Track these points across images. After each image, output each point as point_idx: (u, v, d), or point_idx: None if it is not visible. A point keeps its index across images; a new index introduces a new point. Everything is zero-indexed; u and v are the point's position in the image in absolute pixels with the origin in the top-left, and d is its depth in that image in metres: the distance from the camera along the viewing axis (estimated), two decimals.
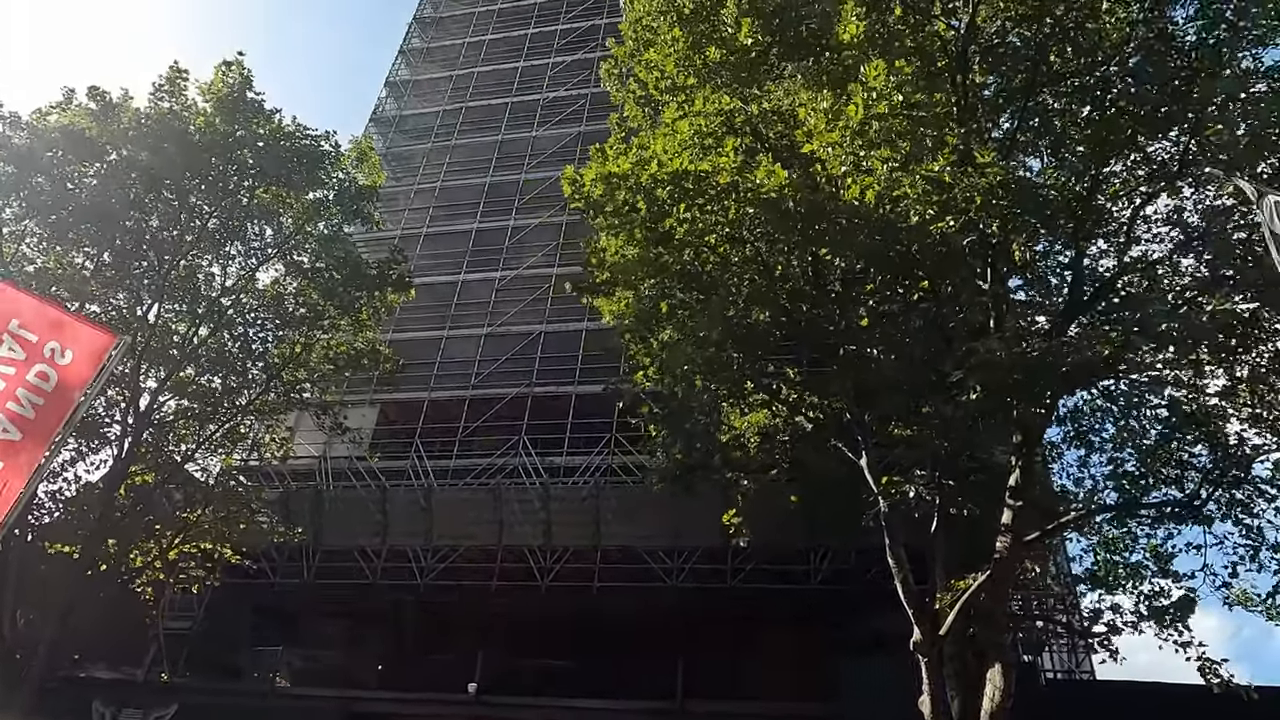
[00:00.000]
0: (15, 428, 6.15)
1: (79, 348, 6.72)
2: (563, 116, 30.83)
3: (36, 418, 6.22)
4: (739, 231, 10.58)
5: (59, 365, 6.50)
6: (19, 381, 6.33)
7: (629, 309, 13.20)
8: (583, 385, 23.03)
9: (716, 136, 11.29)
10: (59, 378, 6.45)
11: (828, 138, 8.82)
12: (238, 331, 18.59)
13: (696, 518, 19.40)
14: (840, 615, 18.51)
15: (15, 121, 15.71)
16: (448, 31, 37.28)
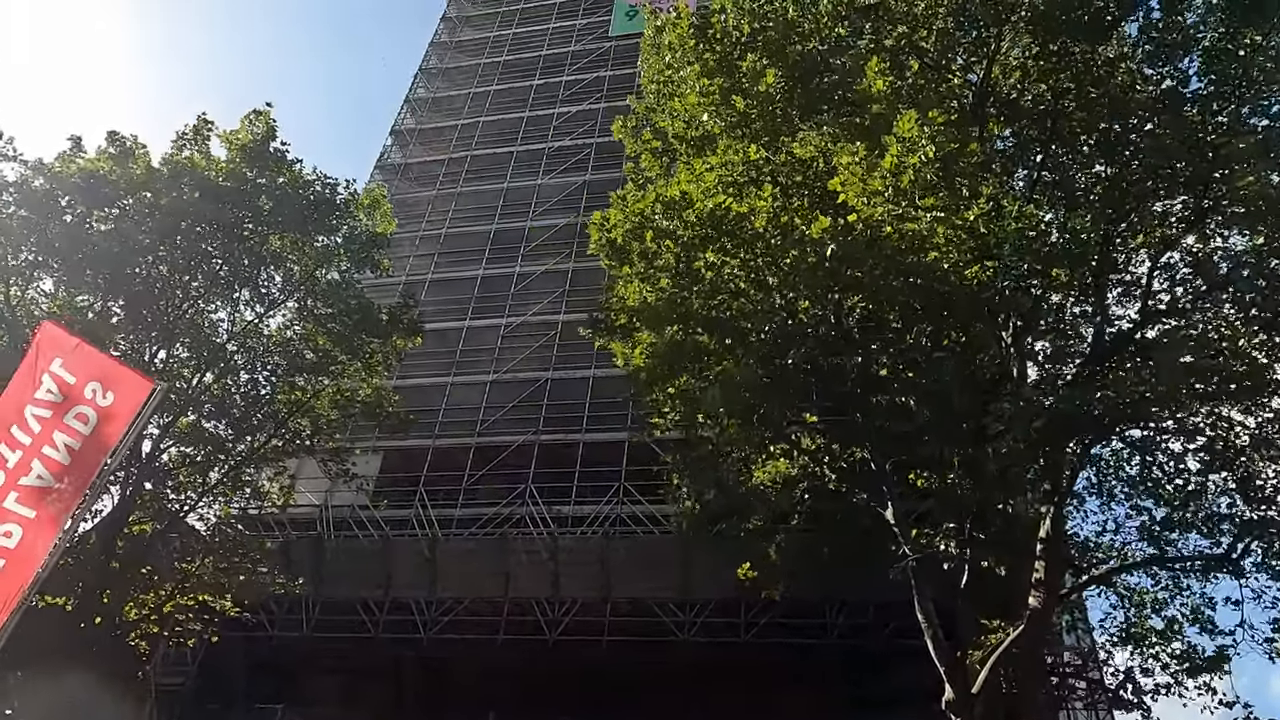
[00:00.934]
0: (50, 475, 5.93)
1: (119, 391, 6.53)
2: (567, 165, 31.11)
3: (73, 462, 6.01)
4: (770, 275, 10.52)
5: (100, 406, 6.31)
6: (56, 424, 6.13)
7: (654, 351, 13.07)
8: (590, 433, 22.80)
9: (744, 183, 11.34)
10: (98, 419, 6.26)
11: (867, 185, 8.83)
12: (243, 378, 18.37)
13: (708, 570, 19.04)
14: (859, 672, 18.06)
15: (38, 166, 15.68)
16: (453, 82, 37.80)
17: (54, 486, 5.83)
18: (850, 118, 11.18)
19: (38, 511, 5.71)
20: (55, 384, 6.20)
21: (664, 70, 14.14)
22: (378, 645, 20.42)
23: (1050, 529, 11.71)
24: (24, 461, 5.89)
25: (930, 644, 11.87)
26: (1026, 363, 12.23)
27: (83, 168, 15.77)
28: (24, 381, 6.30)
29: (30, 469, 5.84)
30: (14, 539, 5.60)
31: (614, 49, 35.91)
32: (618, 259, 12.97)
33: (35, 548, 5.63)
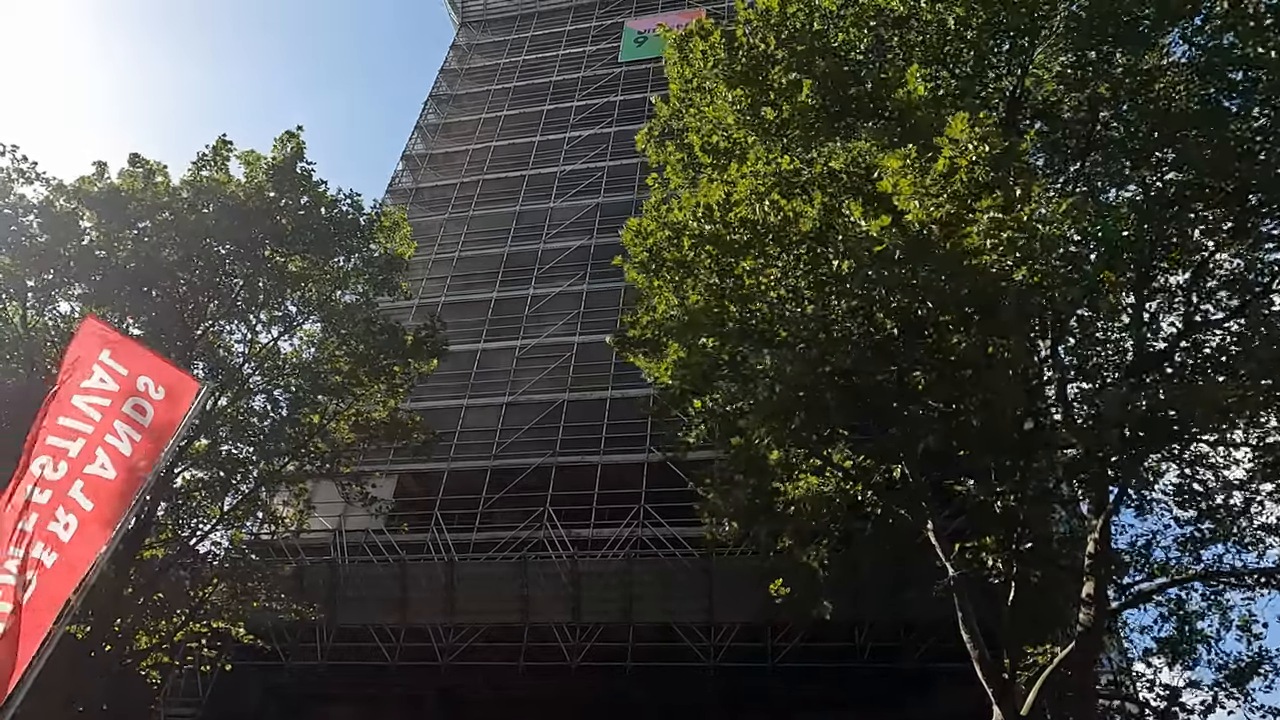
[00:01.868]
0: (113, 465, 5.65)
1: (169, 387, 6.28)
2: (580, 189, 31.15)
3: (133, 454, 5.73)
4: (809, 281, 10.33)
5: (153, 399, 6.04)
6: (115, 413, 5.85)
7: (685, 363, 12.83)
8: (609, 455, 22.50)
9: (779, 191, 11.19)
10: (154, 413, 5.99)
11: (919, 187, 8.67)
12: (258, 402, 18.16)
13: (734, 593, 18.67)
14: (890, 694, 17.59)
15: (60, 187, 15.59)
16: (463, 108, 38.03)
17: (113, 478, 5.54)
18: (887, 124, 11.07)
19: (95, 504, 5.42)
20: (107, 373, 5.94)
21: (690, 80, 14.07)
22: (394, 673, 19.94)
23: (1098, 543, 11.42)
24: (88, 449, 5.59)
25: (977, 665, 11.49)
26: (1068, 373, 12.03)
27: (107, 188, 15.68)
28: (70, 373, 6.04)
29: (95, 457, 5.54)
30: (70, 530, 5.30)
31: (624, 74, 36.20)
32: (653, 268, 12.78)
33: (90, 542, 5.32)
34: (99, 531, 5.41)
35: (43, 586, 5.10)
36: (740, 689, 18.20)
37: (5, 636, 4.90)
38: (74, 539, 5.32)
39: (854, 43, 12.93)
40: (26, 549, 5.22)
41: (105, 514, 5.47)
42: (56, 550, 5.23)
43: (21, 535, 5.28)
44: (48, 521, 5.31)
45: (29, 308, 16.60)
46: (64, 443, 5.67)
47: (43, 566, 5.16)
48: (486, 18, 43.32)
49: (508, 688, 19.09)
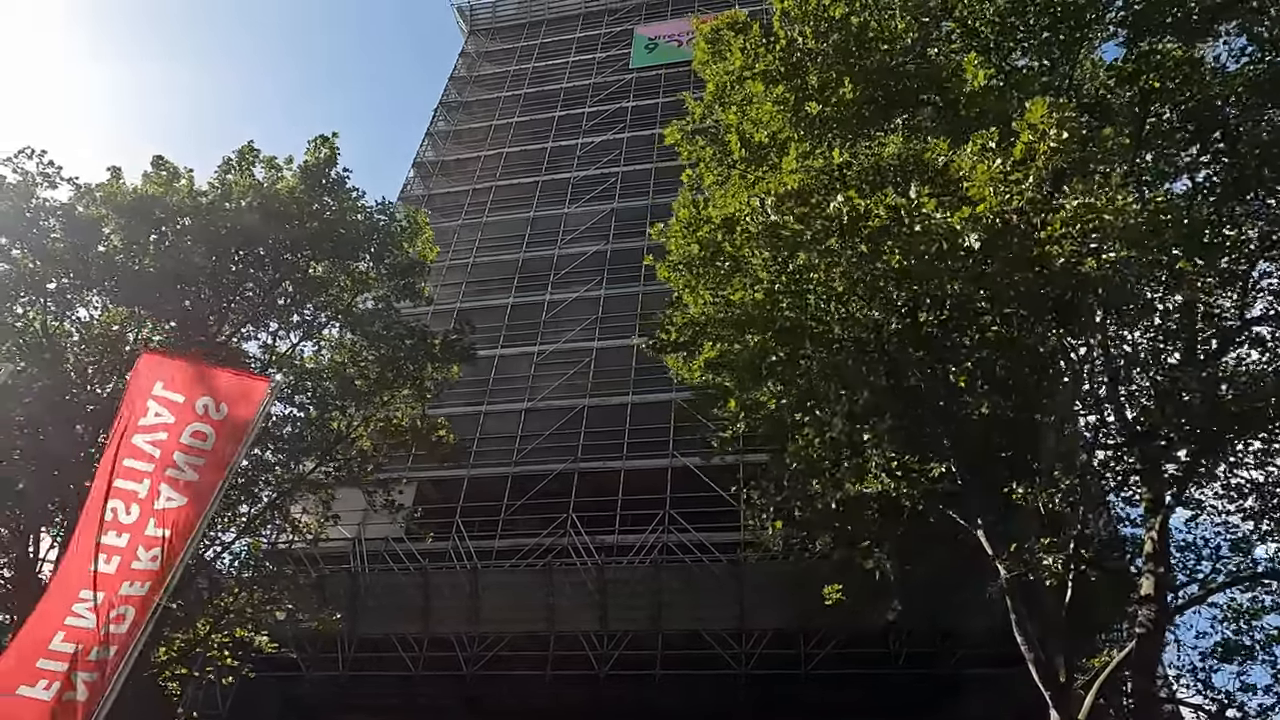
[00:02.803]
0: (178, 494, 5.58)
1: (231, 399, 6.17)
2: (594, 194, 30.99)
3: (200, 478, 5.67)
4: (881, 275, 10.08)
5: (214, 420, 5.96)
6: (173, 445, 5.80)
7: (729, 362, 12.58)
8: (632, 460, 22.22)
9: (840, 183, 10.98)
10: (216, 435, 5.89)
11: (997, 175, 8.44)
12: (278, 408, 17.90)
13: (765, 598, 18.38)
14: (925, 701, 17.29)
15: (84, 191, 15.36)
16: (474, 115, 37.91)
17: (183, 504, 5.49)
18: (942, 114, 10.88)
19: (170, 531, 5.37)
20: (163, 407, 5.91)
21: (726, 76, 13.87)
22: (417, 683, 19.58)
23: (1156, 542, 11.17)
24: (153, 487, 5.63)
25: (1033, 668, 11.21)
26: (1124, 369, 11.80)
27: (131, 191, 15.44)
28: (130, 412, 6.00)
29: (160, 492, 5.55)
30: (157, 561, 5.30)
31: (635, 81, 36.13)
32: (697, 266, 12.54)
33: (168, 562, 5.28)
34: (175, 548, 5.36)
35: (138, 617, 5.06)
36: (772, 697, 17.87)
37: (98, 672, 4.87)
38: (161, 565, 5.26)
39: (899, 34, 12.73)
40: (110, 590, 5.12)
41: (178, 532, 5.44)
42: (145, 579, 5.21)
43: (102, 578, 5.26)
44: (131, 560, 5.26)
45: (49, 312, 16.34)
46: (132, 485, 5.77)
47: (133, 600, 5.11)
48: (495, 25, 43.28)
49: (534, 698, 18.74)
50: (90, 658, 4.96)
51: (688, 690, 18.19)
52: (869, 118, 12.40)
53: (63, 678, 4.88)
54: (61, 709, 4.79)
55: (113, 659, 4.97)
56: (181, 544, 5.42)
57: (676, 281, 14.97)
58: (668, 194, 29.86)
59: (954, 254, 8.86)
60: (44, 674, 4.90)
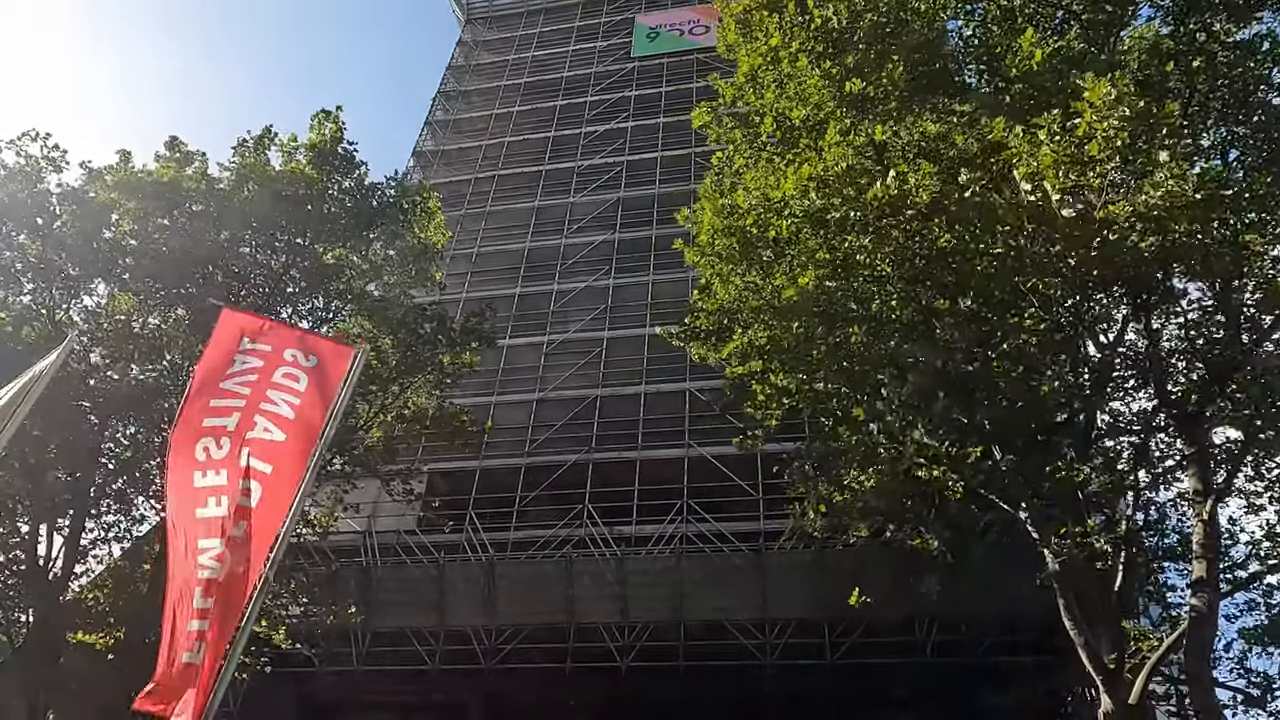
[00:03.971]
0: (277, 428, 5.19)
1: (321, 355, 5.82)
2: (600, 183, 30.66)
3: (296, 416, 5.28)
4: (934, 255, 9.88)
5: (305, 367, 5.59)
6: (266, 383, 5.40)
7: (775, 347, 12.34)
8: (647, 450, 21.98)
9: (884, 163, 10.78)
10: (309, 379, 5.53)
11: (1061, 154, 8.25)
12: None
13: (788, 588, 18.21)
14: (954, 690, 17.18)
15: (95, 175, 14.90)
16: (473, 105, 37.44)
17: (283, 440, 5.09)
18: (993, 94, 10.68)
19: (274, 467, 4.97)
20: (252, 357, 5.55)
21: (761, 55, 13.60)
22: (434, 678, 19.27)
23: (1207, 525, 11.05)
24: (245, 418, 5.18)
25: (1083, 653, 11.10)
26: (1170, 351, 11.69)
27: (143, 175, 15.00)
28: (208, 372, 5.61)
29: (255, 423, 5.13)
30: (254, 497, 4.89)
31: (636, 70, 35.79)
32: (736, 251, 12.28)
33: (276, 506, 4.89)
34: (284, 493, 4.96)
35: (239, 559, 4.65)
36: (797, 687, 17.72)
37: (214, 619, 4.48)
38: (261, 503, 4.88)
39: (935, 12, 12.51)
40: (224, 532, 4.75)
41: (285, 476, 5.04)
42: (246, 519, 4.79)
43: (213, 523, 4.85)
44: (236, 495, 4.86)
45: (55, 302, 15.88)
46: (220, 420, 5.28)
47: (235, 543, 4.70)
48: (492, 14, 42.79)
49: (554, 691, 18.47)
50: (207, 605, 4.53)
51: (711, 682, 18.00)
52: (910, 96, 12.20)
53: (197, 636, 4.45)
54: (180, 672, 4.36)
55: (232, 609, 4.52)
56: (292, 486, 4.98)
57: (705, 268, 14.73)
58: (674, 182, 29.66)
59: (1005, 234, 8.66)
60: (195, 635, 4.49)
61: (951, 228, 9.72)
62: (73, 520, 16.07)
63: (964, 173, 9.28)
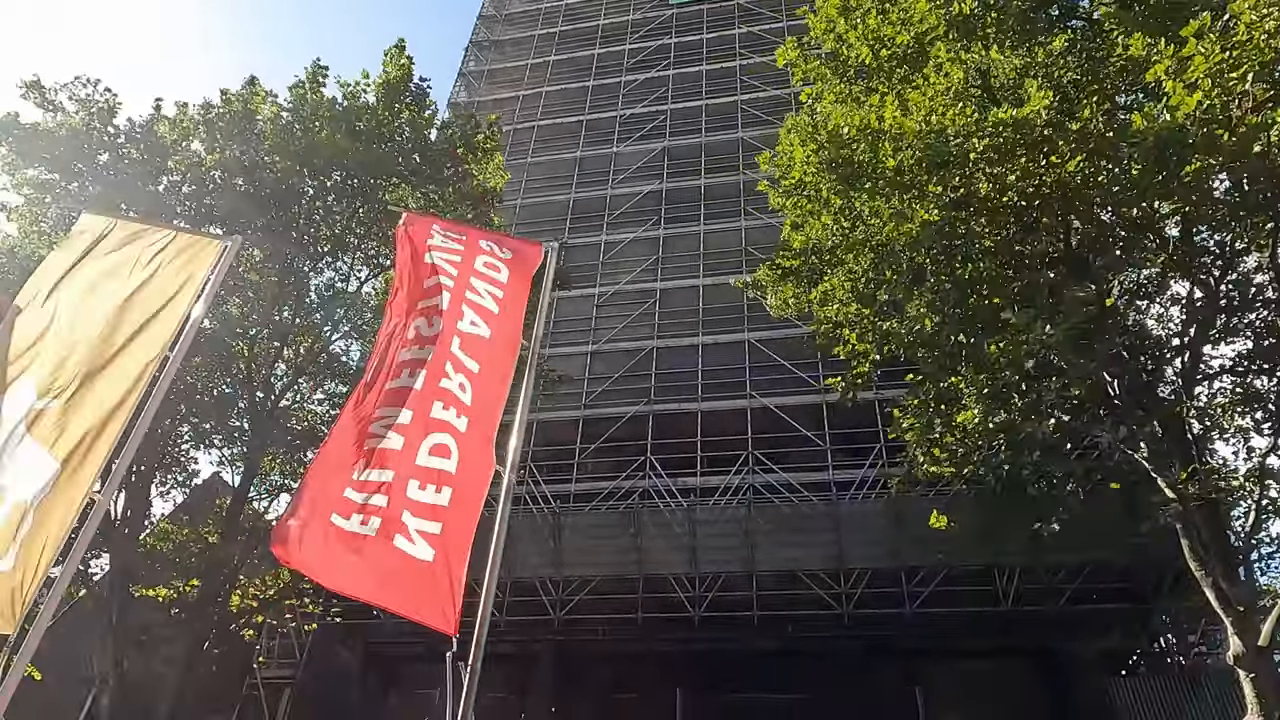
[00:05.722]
0: (483, 322, 4.74)
1: (513, 248, 5.38)
2: (644, 132, 29.88)
3: (500, 310, 4.83)
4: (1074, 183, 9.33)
5: (501, 257, 5.15)
6: (469, 270, 4.95)
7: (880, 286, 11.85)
8: (708, 401, 21.60)
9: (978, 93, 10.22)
10: (508, 270, 5.08)
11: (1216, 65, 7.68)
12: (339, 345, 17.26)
13: (863, 537, 17.91)
14: (1035, 639, 16.93)
15: (160, 116, 14.41)
16: (506, 55, 36.48)
17: (489, 336, 4.64)
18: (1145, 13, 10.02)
19: (481, 365, 4.53)
20: (446, 242, 5.09)
21: None
22: (502, 629, 19.13)
23: None
24: (454, 304, 4.74)
25: (1210, 594, 10.70)
26: None
27: (223, 105, 14.49)
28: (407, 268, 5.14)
29: (463, 313, 4.69)
30: (468, 392, 4.44)
31: (675, 17, 34.73)
32: (843, 187, 11.71)
33: (490, 403, 4.43)
34: (495, 388, 4.51)
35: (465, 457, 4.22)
36: (875, 636, 17.49)
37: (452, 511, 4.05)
38: (475, 399, 4.44)
39: None
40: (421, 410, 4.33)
41: (494, 372, 4.59)
42: (465, 413, 4.35)
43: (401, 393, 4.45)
44: (439, 379, 4.42)
45: None
46: (431, 300, 4.83)
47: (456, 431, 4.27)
48: None
49: (625, 641, 18.31)
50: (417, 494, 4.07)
51: (786, 632, 17.79)
52: (1025, 15, 11.55)
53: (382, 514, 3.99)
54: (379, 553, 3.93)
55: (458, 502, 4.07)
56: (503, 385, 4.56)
57: (793, 209, 14.19)
58: (721, 131, 28.88)
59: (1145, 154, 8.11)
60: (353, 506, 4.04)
61: (1081, 152, 9.18)
62: (143, 470, 15.84)
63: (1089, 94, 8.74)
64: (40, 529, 4.05)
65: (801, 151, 12.83)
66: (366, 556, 3.93)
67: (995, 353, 10.45)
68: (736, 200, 26.19)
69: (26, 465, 4.18)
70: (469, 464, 4.18)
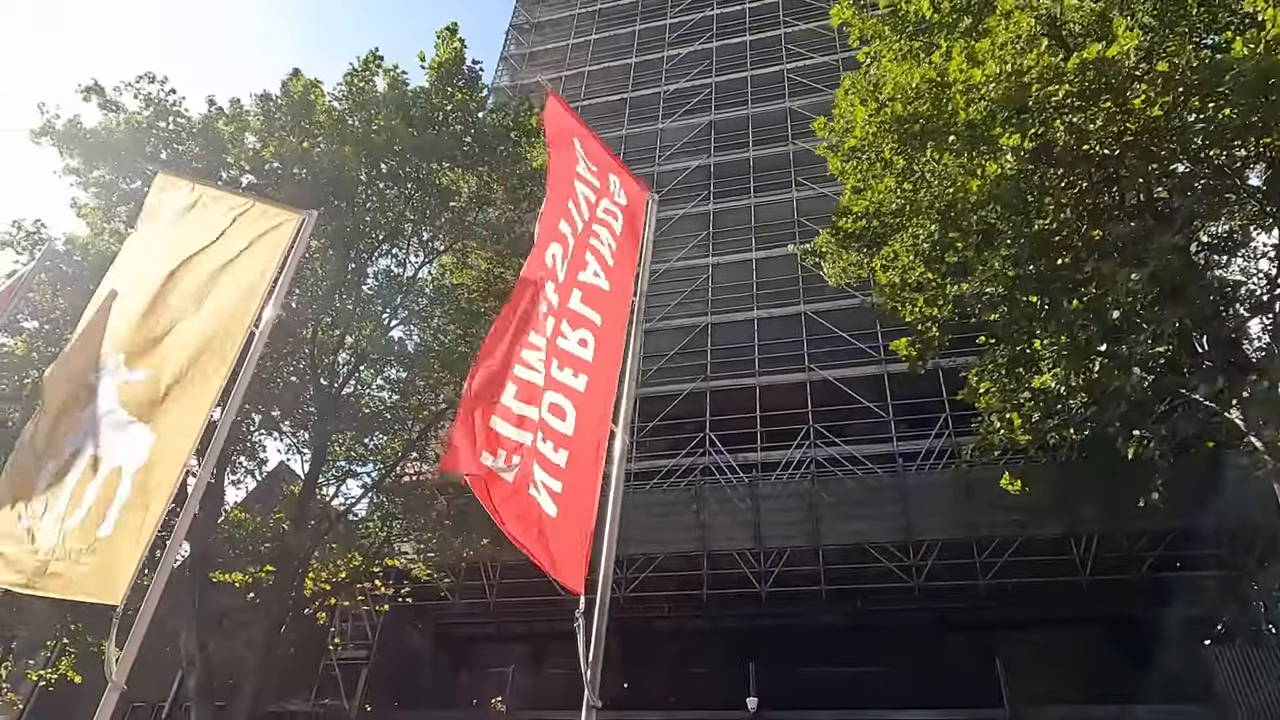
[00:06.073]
0: (603, 274, 4.60)
1: (628, 192, 5.21)
2: (689, 107, 29.51)
3: (614, 262, 4.69)
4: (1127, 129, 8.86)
5: (618, 204, 5.00)
6: (594, 216, 4.78)
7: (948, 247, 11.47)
8: (766, 376, 21.33)
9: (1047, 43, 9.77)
10: (623, 219, 4.93)
11: None
12: (398, 331, 17.38)
13: (932, 509, 17.53)
14: (1113, 608, 16.42)
15: (218, 111, 14.61)
16: (546, 37, 36.34)
17: (608, 290, 4.50)
18: None
19: (603, 319, 4.39)
20: (586, 165, 4.90)
21: None
22: (567, 607, 19.20)
23: None
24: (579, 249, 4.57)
25: None
26: None
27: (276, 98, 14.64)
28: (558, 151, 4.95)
29: (586, 263, 4.54)
30: (589, 348, 4.30)
31: None
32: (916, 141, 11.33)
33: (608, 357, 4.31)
34: (614, 347, 4.37)
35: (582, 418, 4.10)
36: (948, 609, 17.15)
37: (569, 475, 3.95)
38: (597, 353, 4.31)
39: None
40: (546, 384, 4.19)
41: (614, 328, 4.44)
42: (583, 371, 4.24)
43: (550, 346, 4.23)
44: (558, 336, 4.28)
45: None
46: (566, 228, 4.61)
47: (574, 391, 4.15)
48: None
49: (691, 618, 18.26)
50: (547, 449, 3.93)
51: (855, 606, 17.55)
52: None
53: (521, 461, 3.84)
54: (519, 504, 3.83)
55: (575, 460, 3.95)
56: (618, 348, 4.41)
57: (853, 172, 13.85)
58: (768, 102, 28.35)
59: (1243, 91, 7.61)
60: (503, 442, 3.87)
61: (1168, 94, 8.70)
62: (220, 456, 16.22)
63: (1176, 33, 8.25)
64: (139, 499, 4.07)
65: (862, 111, 12.50)
66: (510, 500, 3.84)
67: (1075, 309, 10.02)
68: (786, 171, 25.73)
69: (122, 435, 4.21)
70: (586, 425, 4.07)
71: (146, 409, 4.22)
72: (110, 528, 3.89)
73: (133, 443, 4.09)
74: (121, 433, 4.18)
